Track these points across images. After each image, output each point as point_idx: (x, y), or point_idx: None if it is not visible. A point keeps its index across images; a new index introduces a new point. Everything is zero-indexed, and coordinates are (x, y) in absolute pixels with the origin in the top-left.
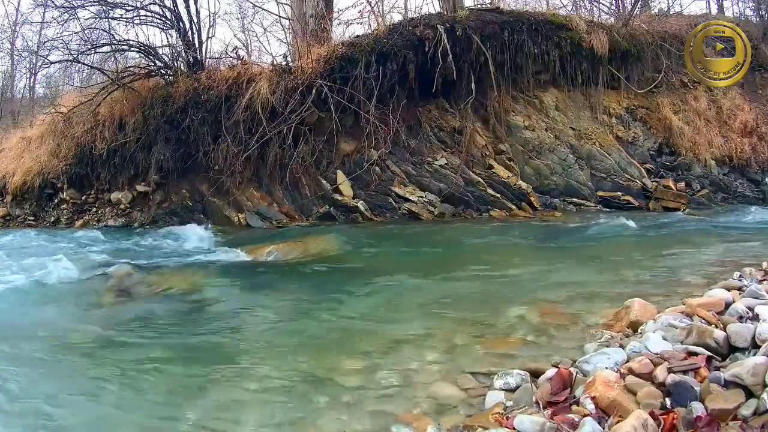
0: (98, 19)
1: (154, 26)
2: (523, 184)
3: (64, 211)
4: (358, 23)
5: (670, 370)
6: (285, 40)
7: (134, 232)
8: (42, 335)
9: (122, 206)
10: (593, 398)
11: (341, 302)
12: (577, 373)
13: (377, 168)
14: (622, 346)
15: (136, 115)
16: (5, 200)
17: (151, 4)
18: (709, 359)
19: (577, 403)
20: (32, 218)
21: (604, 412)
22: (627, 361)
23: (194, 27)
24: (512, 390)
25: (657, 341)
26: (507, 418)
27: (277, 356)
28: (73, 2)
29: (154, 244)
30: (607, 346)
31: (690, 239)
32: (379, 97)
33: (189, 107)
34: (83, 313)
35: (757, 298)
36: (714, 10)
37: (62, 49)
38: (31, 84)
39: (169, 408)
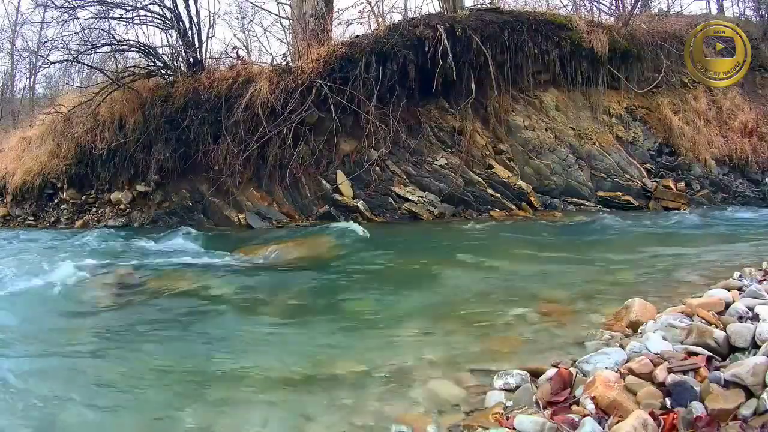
0: (98, 19)
1: (154, 26)
2: (523, 184)
3: (64, 211)
4: (358, 23)
5: (670, 370)
6: (285, 40)
7: (134, 233)
8: (41, 336)
9: (122, 206)
10: (593, 398)
11: (341, 302)
12: (577, 373)
13: (377, 168)
14: (622, 346)
15: (136, 115)
16: (5, 200)
17: (151, 4)
18: (709, 359)
19: (577, 403)
20: (32, 218)
21: (604, 412)
22: (627, 361)
23: (194, 27)
24: (512, 390)
25: (657, 341)
26: (507, 418)
27: (276, 356)
28: (73, 2)
29: (154, 244)
30: (607, 346)
31: (690, 239)
32: (379, 97)
33: (189, 107)
34: (82, 313)
35: (757, 298)
36: (714, 10)
37: (62, 49)
38: (31, 84)
39: (168, 408)
